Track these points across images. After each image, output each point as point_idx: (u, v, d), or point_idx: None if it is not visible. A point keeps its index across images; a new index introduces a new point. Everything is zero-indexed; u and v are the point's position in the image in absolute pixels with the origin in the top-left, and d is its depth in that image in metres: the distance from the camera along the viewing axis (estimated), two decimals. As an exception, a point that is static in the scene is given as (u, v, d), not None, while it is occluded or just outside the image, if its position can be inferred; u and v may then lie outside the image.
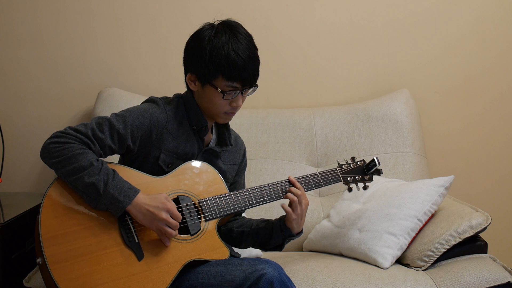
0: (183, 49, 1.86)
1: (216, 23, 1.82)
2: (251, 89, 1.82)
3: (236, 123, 2.60)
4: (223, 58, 1.74)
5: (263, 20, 2.79)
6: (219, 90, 1.77)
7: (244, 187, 2.06)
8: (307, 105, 2.81)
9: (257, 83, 1.83)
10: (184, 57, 1.86)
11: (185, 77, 1.86)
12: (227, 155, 1.96)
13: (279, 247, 1.93)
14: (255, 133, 2.65)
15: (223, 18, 1.85)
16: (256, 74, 1.81)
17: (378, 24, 2.83)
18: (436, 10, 2.83)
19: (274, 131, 2.65)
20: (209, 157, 1.90)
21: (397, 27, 2.83)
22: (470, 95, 2.88)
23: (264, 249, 1.97)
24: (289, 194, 1.86)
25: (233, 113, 1.86)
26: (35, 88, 2.77)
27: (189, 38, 1.84)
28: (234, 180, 2.02)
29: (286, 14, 2.80)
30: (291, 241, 1.93)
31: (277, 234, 1.89)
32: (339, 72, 2.85)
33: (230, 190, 1.91)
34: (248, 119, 2.67)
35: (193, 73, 1.81)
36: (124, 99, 2.61)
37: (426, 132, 2.82)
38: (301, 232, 1.91)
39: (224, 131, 1.94)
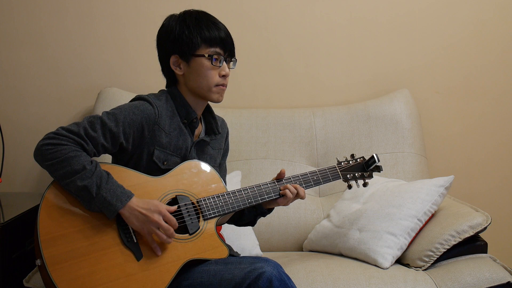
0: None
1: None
2: (232, 61, 1.88)
3: (236, 123, 2.61)
4: (200, 26, 1.81)
5: (263, 20, 2.79)
6: (206, 55, 1.81)
7: (225, 171, 2.10)
8: (307, 105, 2.81)
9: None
10: (161, 47, 1.89)
11: (165, 67, 1.88)
12: (214, 141, 1.99)
13: (251, 223, 2.03)
14: (255, 133, 2.64)
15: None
16: (233, 43, 1.88)
17: (378, 24, 2.83)
18: (436, 10, 2.83)
19: (274, 131, 2.65)
20: (201, 147, 1.92)
21: (397, 26, 2.83)
22: (470, 95, 2.88)
23: (237, 225, 2.05)
24: (287, 192, 1.90)
25: (224, 87, 1.87)
26: (35, 88, 2.77)
27: (159, 31, 1.90)
28: (220, 163, 2.05)
29: (286, 14, 2.80)
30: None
31: (249, 211, 1.98)
32: (339, 72, 2.85)
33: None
34: (248, 119, 2.67)
35: (176, 53, 1.84)
36: (124, 99, 2.60)
37: (426, 132, 2.82)
38: (272, 209, 2.00)
39: (210, 120, 1.97)
